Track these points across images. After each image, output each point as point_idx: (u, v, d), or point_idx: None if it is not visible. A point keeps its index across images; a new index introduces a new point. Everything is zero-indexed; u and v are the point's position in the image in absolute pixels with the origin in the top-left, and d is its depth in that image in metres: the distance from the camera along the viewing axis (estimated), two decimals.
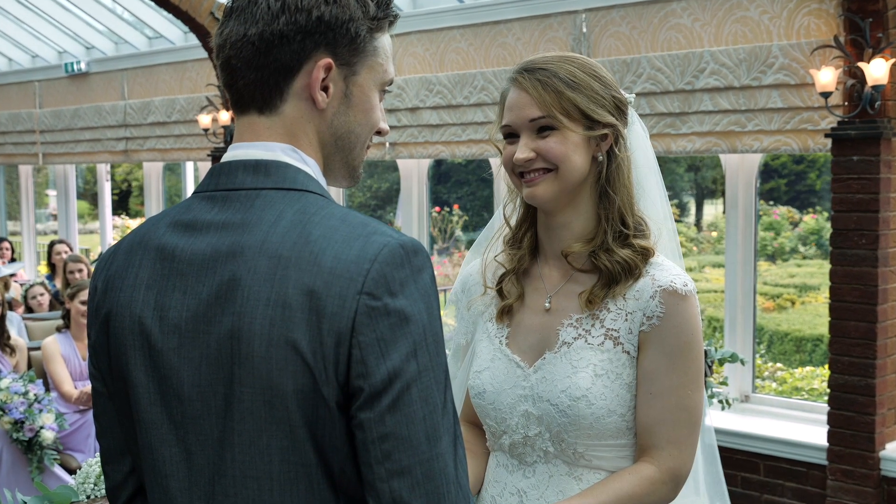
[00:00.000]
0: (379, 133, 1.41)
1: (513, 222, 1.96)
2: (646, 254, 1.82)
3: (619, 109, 1.85)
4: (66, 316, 5.52)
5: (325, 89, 1.33)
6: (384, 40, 1.38)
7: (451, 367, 2.06)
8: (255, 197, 1.29)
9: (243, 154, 1.33)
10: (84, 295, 5.39)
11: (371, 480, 1.21)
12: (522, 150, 1.81)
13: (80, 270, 7.13)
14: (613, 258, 1.81)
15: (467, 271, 2.05)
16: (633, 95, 1.93)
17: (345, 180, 1.42)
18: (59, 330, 5.56)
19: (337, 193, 7.57)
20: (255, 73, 1.32)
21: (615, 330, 1.80)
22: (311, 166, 1.34)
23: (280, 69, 1.31)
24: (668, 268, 1.82)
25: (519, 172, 1.84)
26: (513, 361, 1.87)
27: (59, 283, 7.84)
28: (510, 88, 1.85)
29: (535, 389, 1.83)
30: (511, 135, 1.85)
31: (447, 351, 2.04)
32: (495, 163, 1.86)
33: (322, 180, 1.36)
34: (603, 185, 1.83)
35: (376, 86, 1.38)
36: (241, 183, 1.31)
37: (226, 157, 1.35)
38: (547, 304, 1.88)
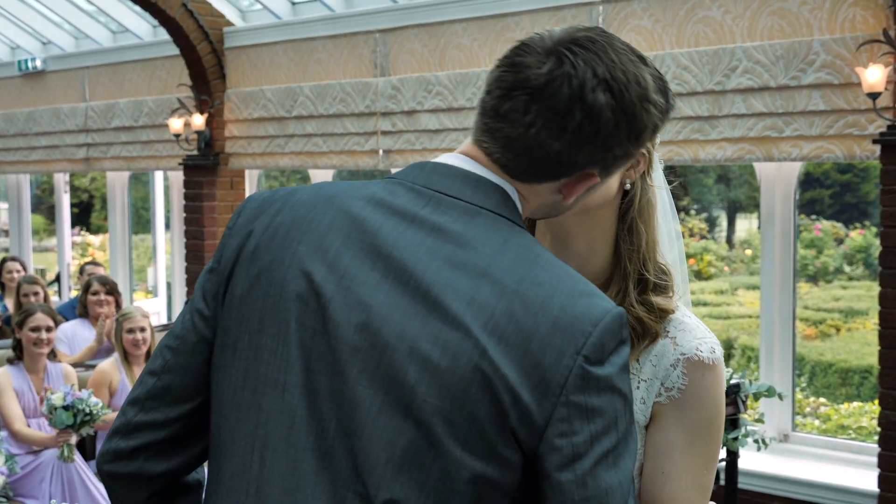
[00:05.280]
0: None
1: None
2: (663, 316, 1.72)
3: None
4: (18, 346, 5.50)
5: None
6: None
7: None
8: (475, 213, 1.36)
9: (461, 163, 1.41)
10: (34, 321, 5.39)
11: None
12: None
13: (36, 294, 7.11)
14: (630, 316, 1.68)
15: None
16: None
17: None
18: (10, 361, 5.54)
19: None
20: (526, 158, 1.40)
21: None
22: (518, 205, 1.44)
23: (555, 165, 1.40)
24: (691, 328, 1.72)
25: None
26: None
27: (11, 307, 7.83)
28: None
29: None
30: None
31: None
32: None
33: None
34: (633, 218, 1.71)
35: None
36: (459, 193, 1.38)
37: (439, 160, 1.42)
38: None
